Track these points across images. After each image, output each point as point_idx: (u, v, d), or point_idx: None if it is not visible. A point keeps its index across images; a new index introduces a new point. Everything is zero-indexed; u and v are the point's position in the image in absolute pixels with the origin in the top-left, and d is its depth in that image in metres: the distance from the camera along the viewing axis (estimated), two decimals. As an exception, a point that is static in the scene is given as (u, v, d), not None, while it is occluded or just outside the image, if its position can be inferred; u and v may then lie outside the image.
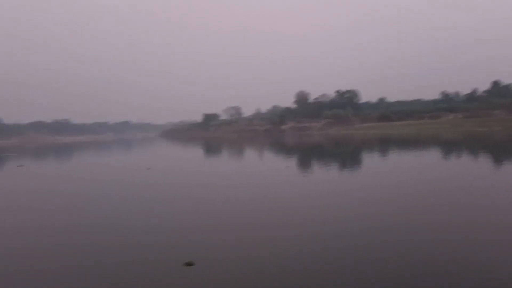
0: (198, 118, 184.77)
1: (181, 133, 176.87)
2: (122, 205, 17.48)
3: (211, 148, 70.01)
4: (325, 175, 25.12)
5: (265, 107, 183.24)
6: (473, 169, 24.88)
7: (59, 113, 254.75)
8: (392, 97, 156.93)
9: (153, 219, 14.42)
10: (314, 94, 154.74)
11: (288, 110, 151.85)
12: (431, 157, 34.45)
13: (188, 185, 22.99)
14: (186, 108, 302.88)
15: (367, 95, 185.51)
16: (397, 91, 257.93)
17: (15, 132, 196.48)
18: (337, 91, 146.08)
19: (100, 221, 14.38)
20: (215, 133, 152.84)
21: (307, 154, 47.80)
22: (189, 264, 9.13)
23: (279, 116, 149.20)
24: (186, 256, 9.61)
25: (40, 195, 21.75)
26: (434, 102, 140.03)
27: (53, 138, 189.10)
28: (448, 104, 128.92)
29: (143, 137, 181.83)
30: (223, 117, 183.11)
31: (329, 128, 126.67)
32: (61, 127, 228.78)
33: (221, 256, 9.87)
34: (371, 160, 34.01)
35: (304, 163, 35.59)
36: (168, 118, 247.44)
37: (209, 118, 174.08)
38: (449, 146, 47.64)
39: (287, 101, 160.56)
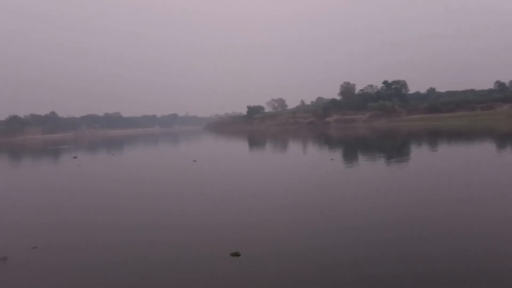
0: (243, 110, 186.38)
1: (225, 126, 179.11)
2: (169, 196, 18.35)
3: (254, 141, 70.66)
4: (371, 169, 24.89)
5: (309, 99, 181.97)
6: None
7: (110, 107, 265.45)
8: (442, 88, 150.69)
9: (200, 210, 15.11)
10: (360, 85, 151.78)
11: (332, 102, 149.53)
12: (492, 151, 32.50)
13: (233, 178, 23.61)
14: (231, 100, 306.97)
15: (416, 86, 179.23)
16: (448, 82, 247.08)
17: (69, 126, 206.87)
18: (384, 82, 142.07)
19: (148, 209, 15.28)
20: (259, 126, 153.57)
21: (352, 147, 47.26)
22: (236, 254, 9.62)
23: (323, 108, 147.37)
24: (233, 246, 10.11)
25: (91, 185, 23.14)
26: (488, 92, 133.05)
27: (105, 131, 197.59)
28: (502, 94, 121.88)
29: (189, 130, 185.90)
30: (267, 109, 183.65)
31: (375, 120, 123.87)
32: (112, 120, 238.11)
33: (266, 247, 10.33)
34: (421, 154, 33.11)
35: (349, 156, 35.33)
36: (214, 111, 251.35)
37: (253, 111, 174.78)
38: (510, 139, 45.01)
39: (332, 93, 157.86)
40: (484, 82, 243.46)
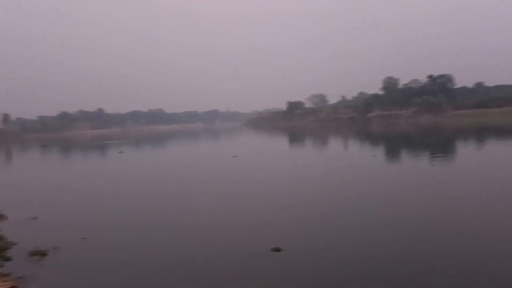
0: (283, 106, 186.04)
1: (265, 122, 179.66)
2: (211, 193, 18.77)
3: (294, 137, 70.52)
4: (414, 166, 24.30)
5: (351, 94, 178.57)
6: None
7: (154, 104, 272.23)
8: (491, 82, 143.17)
9: (241, 206, 15.41)
10: (403, 80, 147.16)
11: (375, 97, 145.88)
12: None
13: (273, 174, 23.78)
14: (272, 96, 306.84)
15: (463, 80, 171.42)
16: (498, 76, 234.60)
17: (116, 122, 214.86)
18: (429, 76, 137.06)
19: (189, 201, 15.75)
20: (298, 122, 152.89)
21: (394, 143, 46.22)
22: (277, 249, 9.77)
23: (364, 104, 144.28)
24: (274, 242, 10.28)
25: (137, 179, 24.02)
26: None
27: (149, 127, 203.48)
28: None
29: (229, 126, 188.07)
30: (307, 105, 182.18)
31: (419, 116, 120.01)
32: (156, 116, 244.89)
33: (307, 243, 10.42)
34: (468, 152, 31.93)
35: (391, 153, 34.61)
36: (254, 107, 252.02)
37: (293, 106, 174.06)
38: None
39: (375, 87, 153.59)
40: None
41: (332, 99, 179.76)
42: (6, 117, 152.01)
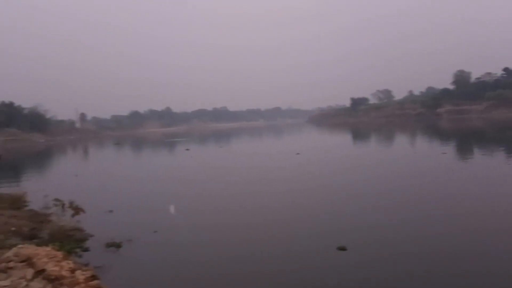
0: (346, 102, 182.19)
1: (327, 118, 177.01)
2: (274, 187, 18.94)
3: (358, 134, 68.91)
4: (490, 166, 22.82)
5: (418, 89, 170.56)
6: None
7: (218, 102, 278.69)
8: None
9: (305, 203, 15.42)
10: (476, 73, 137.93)
11: (444, 91, 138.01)
12: None
13: (337, 172, 23.49)
14: (334, 92, 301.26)
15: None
16: None
17: (182, 120, 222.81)
18: (505, 69, 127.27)
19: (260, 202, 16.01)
20: (362, 118, 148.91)
21: (466, 139, 43.61)
22: (342, 248, 9.70)
23: (433, 99, 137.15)
24: (339, 240, 10.21)
25: (202, 175, 24.82)
26: None
27: (213, 125, 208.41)
28: None
29: (291, 123, 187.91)
30: (372, 101, 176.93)
31: (493, 111, 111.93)
32: (220, 114, 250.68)
33: (373, 242, 10.23)
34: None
35: (463, 150, 32.73)
36: (316, 104, 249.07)
37: (357, 103, 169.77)
38: None
39: (444, 82, 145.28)
40: None
41: (399, 95, 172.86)
42: (82, 116, 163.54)
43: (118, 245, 11.21)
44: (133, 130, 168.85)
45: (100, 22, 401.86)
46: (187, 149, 49.15)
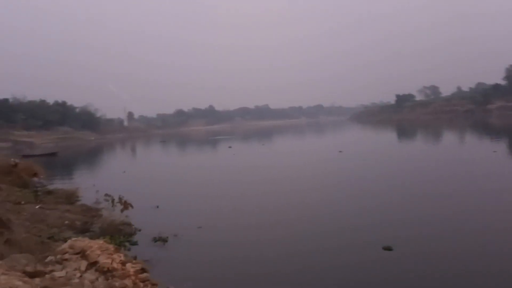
0: (391, 99, 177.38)
1: (371, 116, 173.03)
2: (316, 185, 18.82)
3: (403, 132, 66.94)
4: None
5: (467, 85, 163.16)
6: None
7: (260, 100, 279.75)
8: None
9: (352, 202, 15.25)
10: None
11: (495, 87, 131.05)
12: None
13: (381, 170, 22.97)
14: (378, 89, 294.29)
15: None
16: None
17: (225, 118, 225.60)
18: None
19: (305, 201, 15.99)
20: (408, 115, 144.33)
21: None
22: (388, 248, 9.53)
23: (483, 95, 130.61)
24: (385, 240, 10.03)
25: (245, 173, 25.04)
26: None
27: (255, 123, 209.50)
28: None
29: (334, 121, 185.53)
30: (418, 97, 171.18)
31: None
32: (262, 112, 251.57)
33: (420, 243, 9.98)
34: None
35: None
36: (360, 101, 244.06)
37: (402, 99, 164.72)
38: None
39: (496, 77, 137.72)
40: None
41: (446, 91, 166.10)
42: (130, 115, 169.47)
43: (164, 240, 11.57)
44: (178, 128, 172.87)
45: (147, 29, 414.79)
46: (230, 147, 49.73)
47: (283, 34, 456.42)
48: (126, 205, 12.93)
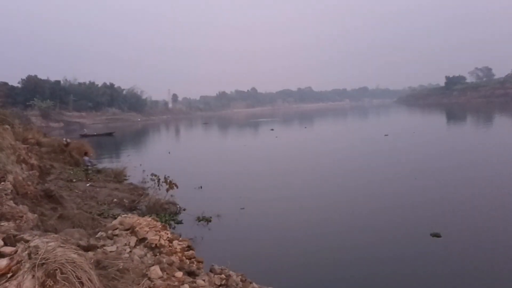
0: (440, 81, 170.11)
1: (418, 99, 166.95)
2: (361, 170, 18.44)
3: (452, 116, 64.11)
4: None
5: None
6: None
7: (303, 82, 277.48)
8: None
9: (399, 188, 14.87)
10: None
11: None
12: None
13: (428, 155, 22.17)
14: (426, 71, 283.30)
15: None
16: None
17: (267, 100, 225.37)
18: None
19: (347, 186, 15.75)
20: (458, 99, 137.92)
21: None
22: (436, 235, 9.26)
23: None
24: (434, 227, 9.72)
25: (288, 156, 24.94)
26: None
27: (297, 105, 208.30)
28: None
29: (379, 104, 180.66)
30: (469, 80, 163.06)
31: None
32: (304, 94, 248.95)
33: (468, 229, 9.62)
34: None
35: None
36: (407, 83, 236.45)
37: (452, 82, 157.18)
38: None
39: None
40: None
41: (500, 73, 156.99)
42: (174, 97, 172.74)
43: (208, 220, 11.79)
44: (220, 111, 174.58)
45: (190, 14, 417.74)
46: (272, 129, 49.67)
47: (331, 12, 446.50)
48: (171, 185, 13.25)
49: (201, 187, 16.20)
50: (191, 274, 5.51)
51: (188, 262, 5.79)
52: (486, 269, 7.60)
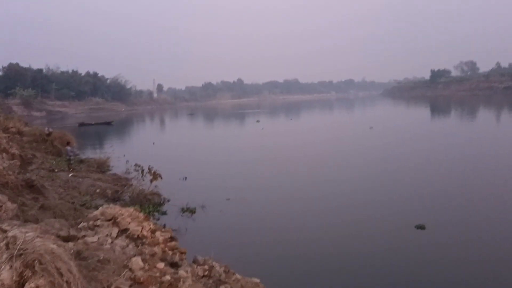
0: (425, 75, 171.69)
1: (404, 91, 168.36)
2: (345, 162, 18.58)
3: (436, 109, 64.90)
4: None
5: (507, 61, 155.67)
6: None
7: (289, 74, 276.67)
8: None
9: (382, 180, 15.02)
10: None
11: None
12: None
13: (413, 147, 22.43)
14: (411, 64, 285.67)
15: None
16: None
17: (253, 91, 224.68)
18: None
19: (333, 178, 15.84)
20: (442, 92, 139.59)
21: None
22: (420, 227, 9.39)
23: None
24: (418, 219, 9.85)
25: (273, 148, 24.97)
26: None
27: (284, 97, 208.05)
28: None
29: (364, 96, 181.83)
30: (454, 73, 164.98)
31: None
32: (291, 86, 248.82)
33: (452, 221, 9.78)
34: None
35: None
36: (392, 76, 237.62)
37: (437, 75, 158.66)
38: None
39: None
40: None
41: (484, 67, 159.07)
42: (159, 87, 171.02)
43: (192, 211, 11.74)
44: (206, 101, 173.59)
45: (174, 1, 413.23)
46: (258, 121, 49.59)
47: (318, 5, 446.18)
48: (155, 176, 13.14)
49: (185, 178, 16.11)
50: (174, 265, 5.48)
51: (170, 253, 5.76)
52: (469, 260, 7.74)
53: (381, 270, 7.72)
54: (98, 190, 13.24)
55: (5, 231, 4.03)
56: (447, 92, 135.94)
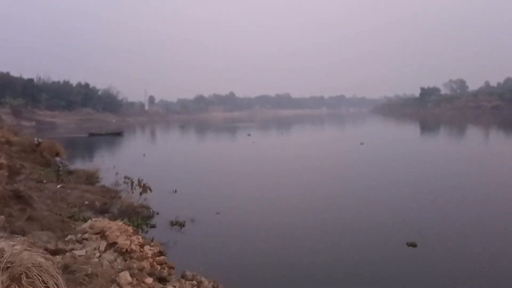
0: (415, 91, 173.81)
1: (394, 108, 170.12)
2: (336, 177, 18.66)
3: (427, 127, 65.63)
4: None
5: (496, 79, 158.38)
6: None
7: (281, 88, 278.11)
8: None
9: (374, 197, 15.09)
10: None
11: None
12: None
13: (403, 165, 22.62)
14: (401, 80, 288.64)
15: None
16: None
17: (245, 105, 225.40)
18: None
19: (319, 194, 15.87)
20: (432, 110, 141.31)
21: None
22: (412, 245, 9.44)
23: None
24: (410, 237, 9.89)
25: (264, 162, 25.00)
26: None
27: (275, 111, 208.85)
28: None
29: (355, 113, 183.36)
30: (444, 91, 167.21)
31: None
32: (282, 101, 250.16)
33: (444, 239, 9.84)
34: None
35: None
36: (382, 92, 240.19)
37: (427, 93, 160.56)
38: None
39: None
40: None
41: (474, 86, 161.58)
42: (151, 99, 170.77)
43: (181, 224, 11.67)
44: (198, 114, 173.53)
45: (168, 11, 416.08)
46: (249, 135, 49.68)
47: (310, 18, 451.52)
48: (144, 188, 13.08)
49: (175, 191, 16.03)
50: (162, 280, 5.44)
51: (159, 268, 5.72)
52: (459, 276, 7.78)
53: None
54: (86, 202, 13.11)
55: (-8, 244, 3.99)
56: (437, 110, 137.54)
